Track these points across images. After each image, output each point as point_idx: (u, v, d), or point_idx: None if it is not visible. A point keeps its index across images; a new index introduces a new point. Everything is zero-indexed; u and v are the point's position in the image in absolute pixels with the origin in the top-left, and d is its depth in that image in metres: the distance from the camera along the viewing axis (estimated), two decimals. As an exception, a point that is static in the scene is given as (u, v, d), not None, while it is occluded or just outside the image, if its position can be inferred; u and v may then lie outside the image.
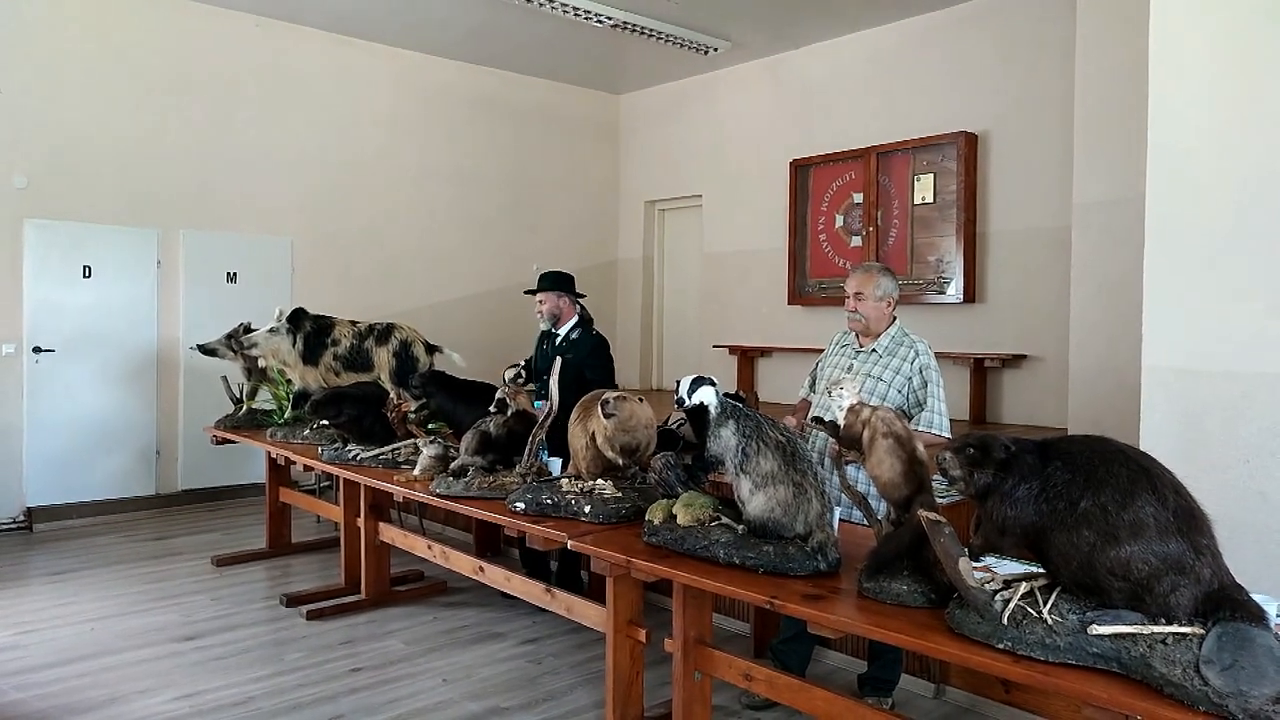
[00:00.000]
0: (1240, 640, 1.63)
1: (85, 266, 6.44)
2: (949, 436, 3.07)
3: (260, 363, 5.36)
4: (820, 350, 3.60)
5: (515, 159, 8.77)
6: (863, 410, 2.39)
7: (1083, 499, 1.80)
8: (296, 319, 5.05)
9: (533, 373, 4.57)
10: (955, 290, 6.68)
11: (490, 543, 5.29)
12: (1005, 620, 1.85)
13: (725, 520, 2.55)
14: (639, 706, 3.06)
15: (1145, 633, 1.72)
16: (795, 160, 7.73)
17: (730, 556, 2.44)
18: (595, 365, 4.46)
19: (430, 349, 5.18)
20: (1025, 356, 6.37)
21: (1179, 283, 3.20)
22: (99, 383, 6.52)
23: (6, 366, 6.20)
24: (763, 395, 7.54)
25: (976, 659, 1.86)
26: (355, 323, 5.20)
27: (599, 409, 3.00)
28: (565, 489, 3.11)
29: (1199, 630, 1.69)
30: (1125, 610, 1.76)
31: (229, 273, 7.07)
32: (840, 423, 2.43)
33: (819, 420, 2.61)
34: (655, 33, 7.17)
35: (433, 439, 3.97)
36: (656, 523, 2.66)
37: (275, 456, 5.01)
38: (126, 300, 6.62)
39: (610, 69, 8.64)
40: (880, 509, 2.47)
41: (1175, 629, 1.70)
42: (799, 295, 7.76)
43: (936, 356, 3.26)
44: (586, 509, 2.99)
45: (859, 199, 7.32)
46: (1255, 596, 1.74)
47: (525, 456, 3.47)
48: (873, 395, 3.12)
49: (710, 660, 2.82)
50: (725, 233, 8.53)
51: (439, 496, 3.46)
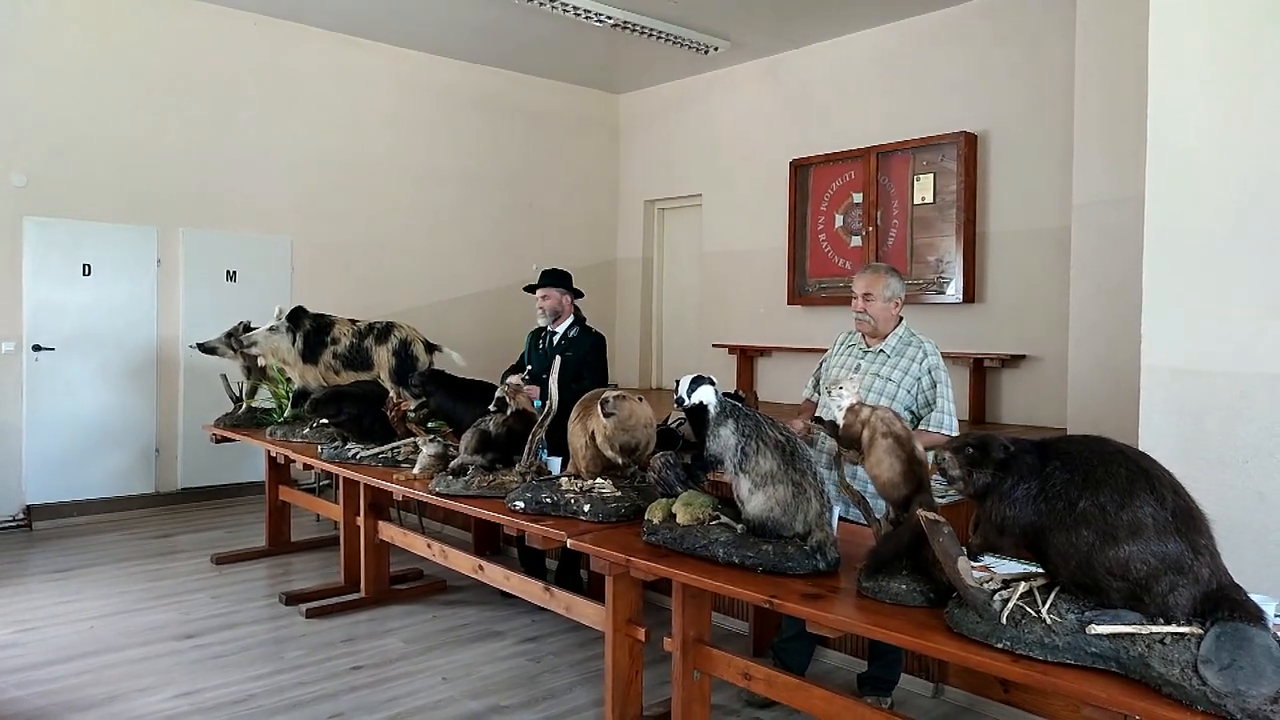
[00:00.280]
0: (1238, 640, 1.63)
1: (85, 264, 6.44)
2: (956, 435, 3.08)
3: (260, 361, 5.35)
4: (820, 350, 3.60)
5: (515, 158, 8.77)
6: (862, 410, 2.40)
7: (1081, 499, 1.80)
8: (296, 318, 5.05)
9: (528, 373, 4.58)
10: (955, 290, 6.68)
11: (489, 541, 5.29)
12: (1004, 620, 1.86)
13: (724, 519, 2.55)
14: (638, 705, 3.07)
15: (1144, 632, 1.72)
16: (795, 160, 7.73)
17: (729, 556, 2.44)
18: (594, 363, 4.49)
19: (430, 348, 5.18)
20: (1024, 356, 6.38)
21: (1178, 283, 3.20)
22: (99, 381, 6.52)
23: (6, 365, 6.20)
24: (762, 395, 7.55)
25: (975, 658, 1.87)
26: (355, 321, 5.20)
27: (598, 408, 3.00)
28: (565, 488, 3.11)
29: (1197, 630, 1.69)
30: (1124, 610, 1.77)
31: (229, 271, 7.07)
32: (840, 422, 2.44)
33: (819, 420, 2.61)
34: (655, 32, 7.17)
35: (432, 438, 3.97)
36: (656, 522, 2.66)
37: (275, 455, 5.01)
38: (126, 298, 6.62)
39: (610, 68, 8.64)
40: (879, 508, 2.48)
41: (1174, 629, 1.71)
42: (798, 295, 7.76)
43: (937, 356, 3.26)
44: (586, 508, 2.99)
45: (859, 199, 7.33)
46: (1253, 596, 1.74)
47: (525, 455, 3.47)
48: (881, 396, 3.12)
49: (709, 659, 2.83)
50: (725, 232, 8.53)
51: (438, 495, 3.46)
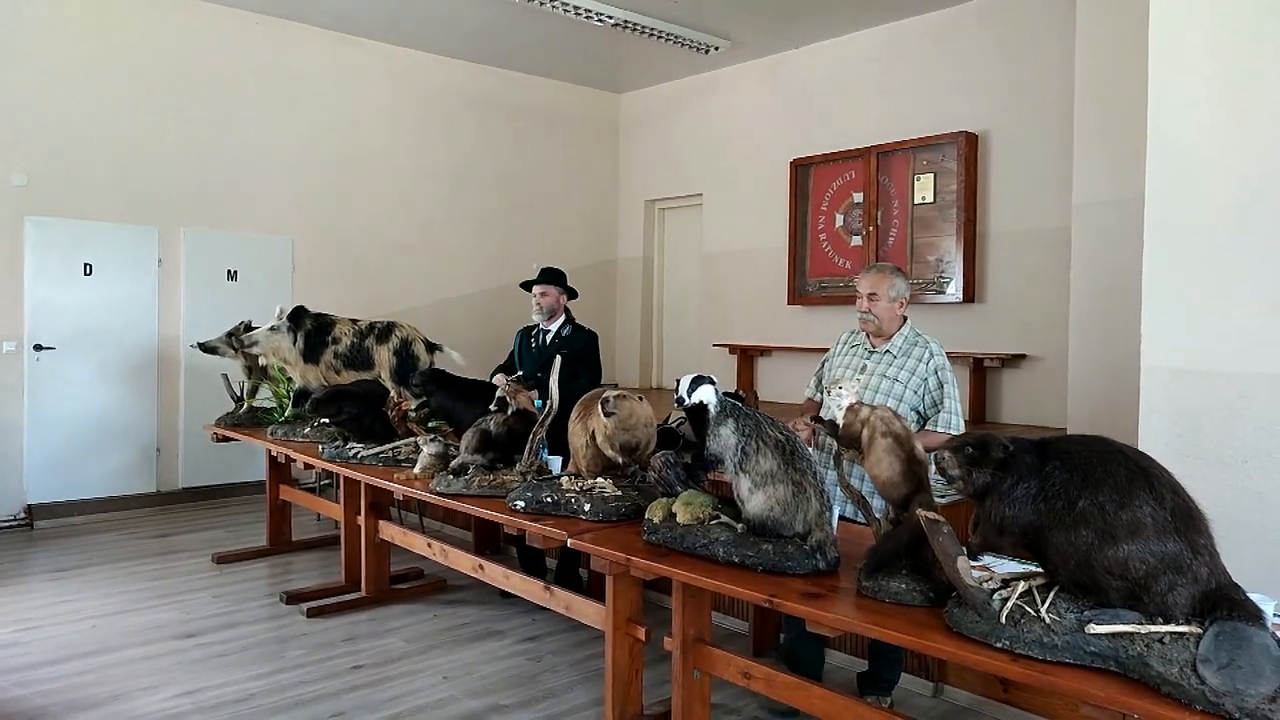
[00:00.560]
0: (1237, 639, 1.63)
1: (86, 264, 6.45)
2: None
3: (261, 361, 5.36)
4: (821, 350, 3.60)
5: (516, 158, 8.77)
6: (861, 409, 2.40)
7: (1081, 498, 1.80)
8: (297, 317, 5.05)
9: (519, 373, 4.59)
10: (955, 290, 6.68)
11: (490, 541, 5.30)
12: (1003, 619, 1.86)
13: (724, 519, 2.55)
14: (638, 704, 3.07)
15: (1143, 632, 1.72)
16: (795, 160, 7.73)
17: (729, 555, 2.44)
18: (590, 361, 4.53)
19: (431, 347, 5.19)
20: (1024, 356, 6.38)
21: (1178, 282, 3.21)
22: (99, 380, 6.52)
23: (7, 364, 6.21)
24: (762, 394, 7.56)
25: (974, 658, 1.87)
26: (356, 321, 5.20)
27: (599, 407, 3.01)
28: (565, 487, 3.11)
29: (1196, 629, 1.69)
30: (1123, 609, 1.77)
31: (229, 271, 7.07)
32: (840, 422, 2.44)
33: (818, 419, 2.61)
34: (656, 32, 7.17)
35: (433, 437, 3.97)
36: (656, 521, 2.66)
37: (276, 454, 5.02)
38: (127, 298, 6.63)
39: (611, 68, 8.65)
40: (879, 508, 2.48)
41: (1173, 628, 1.71)
42: (799, 295, 7.76)
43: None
44: (586, 507, 2.99)
45: (859, 198, 7.33)
46: (1252, 596, 1.74)
47: (525, 455, 3.48)
48: (888, 397, 3.11)
49: (709, 658, 2.83)
50: (725, 232, 8.53)
51: (439, 495, 3.46)
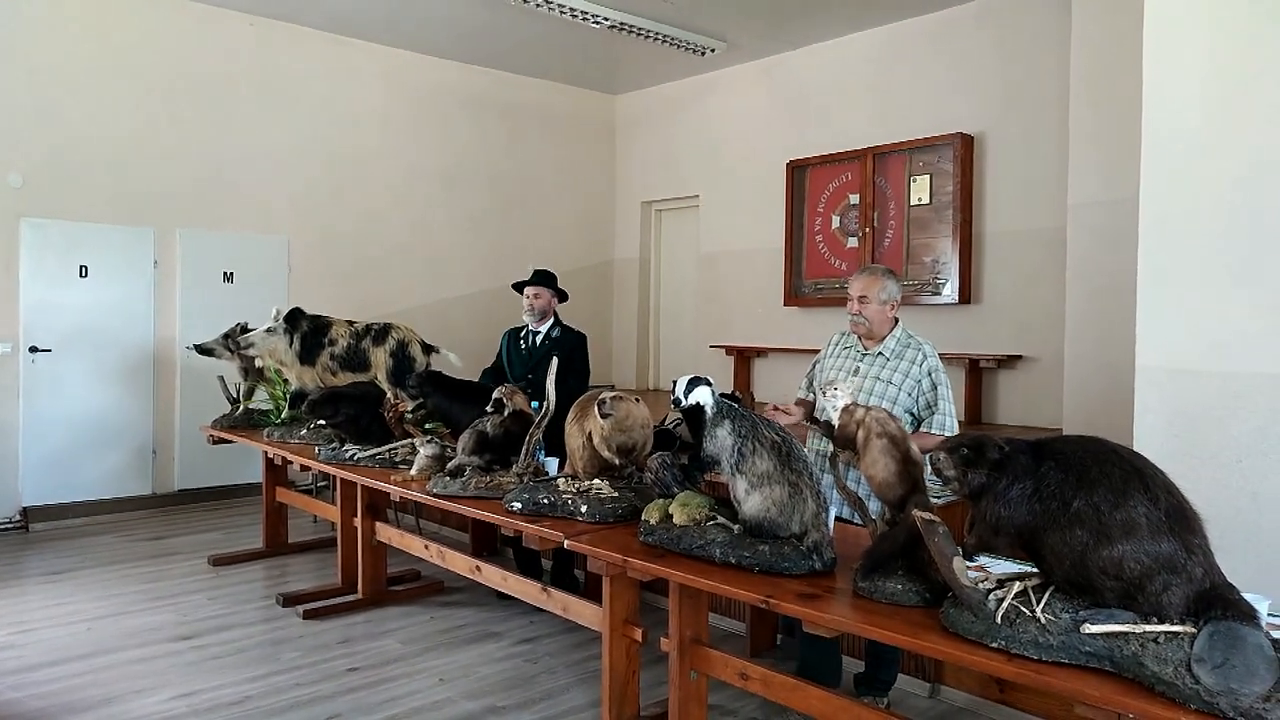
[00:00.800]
0: (1231, 639, 1.64)
1: (81, 266, 6.44)
2: None
3: (257, 362, 5.36)
4: (817, 351, 3.60)
5: (512, 159, 8.77)
6: (856, 410, 2.41)
7: (1075, 499, 1.80)
8: (293, 319, 5.05)
9: (509, 375, 4.60)
10: (951, 291, 6.69)
11: (487, 543, 5.29)
12: (999, 619, 1.87)
13: (721, 520, 2.56)
14: (635, 705, 3.07)
15: (1137, 631, 1.73)
16: (792, 161, 7.74)
17: (726, 556, 2.44)
18: (580, 362, 4.56)
19: (427, 349, 5.19)
20: (1020, 357, 6.39)
21: (1173, 283, 3.21)
22: (95, 382, 6.51)
23: (2, 366, 6.19)
24: (759, 395, 7.57)
25: (970, 658, 1.87)
26: (352, 322, 5.20)
27: (596, 409, 3.01)
28: (562, 489, 3.11)
29: (1191, 629, 1.70)
30: (1118, 609, 1.77)
31: (225, 272, 7.07)
32: (835, 423, 2.45)
33: (814, 420, 2.62)
34: (651, 34, 7.18)
35: (429, 439, 3.97)
36: (653, 522, 2.67)
37: (272, 456, 5.02)
38: (123, 299, 6.62)
39: (607, 70, 8.65)
40: (875, 509, 2.49)
41: (1167, 628, 1.71)
42: (795, 296, 7.77)
43: (933, 357, 3.27)
44: (583, 508, 2.99)
45: (855, 200, 7.34)
46: (1246, 595, 1.75)
47: (522, 456, 3.48)
48: (882, 399, 3.11)
49: (706, 659, 2.83)
50: (722, 233, 8.53)
51: (436, 496, 3.46)
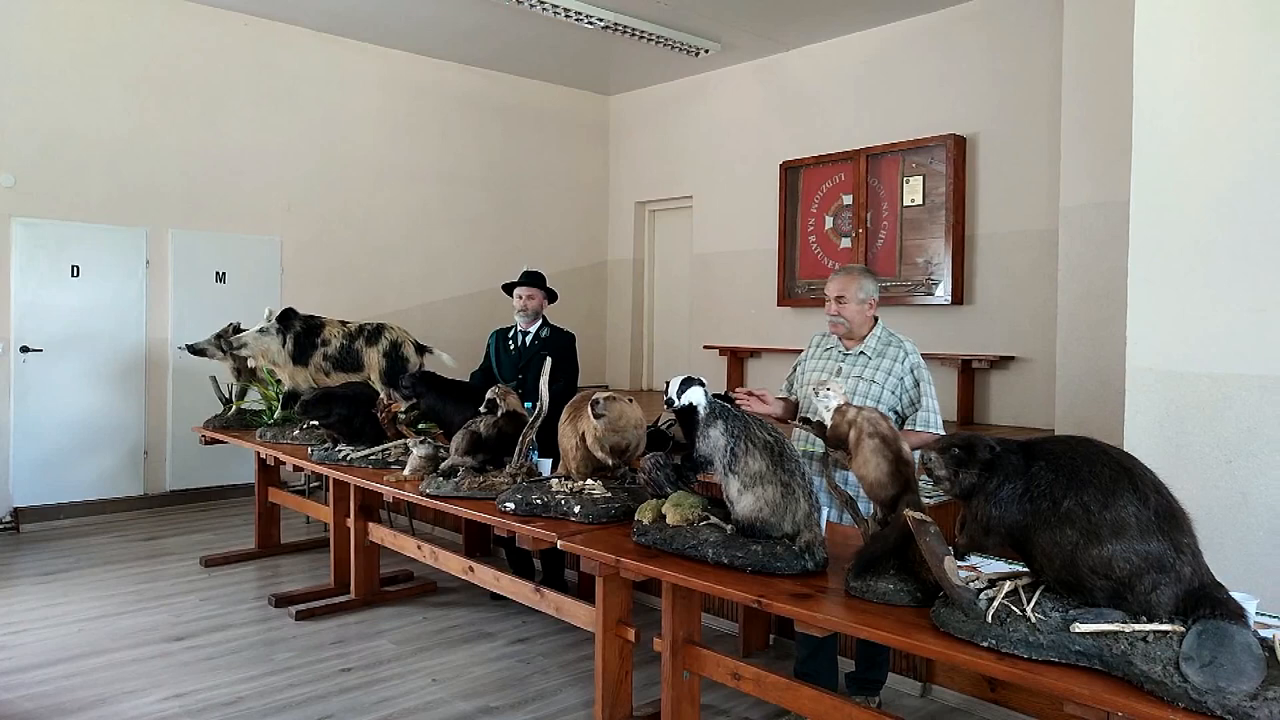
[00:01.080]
0: (1220, 638, 1.65)
1: (73, 266, 6.42)
2: (943, 434, 3.10)
3: (250, 363, 5.35)
4: (809, 351, 3.61)
5: (506, 160, 8.77)
6: (849, 410, 2.41)
7: (1065, 498, 1.81)
8: (286, 319, 5.04)
9: (498, 376, 4.61)
10: (944, 292, 6.71)
11: (480, 543, 5.29)
12: (989, 618, 1.87)
13: (714, 520, 2.56)
14: (628, 706, 3.08)
15: (1127, 630, 1.74)
16: (785, 162, 7.76)
17: (719, 556, 2.45)
18: (570, 362, 4.58)
19: (420, 349, 5.19)
20: (1013, 358, 6.41)
21: (1163, 285, 3.23)
22: (87, 383, 6.49)
23: (-6, 366, 6.18)
24: (752, 396, 7.56)
25: (961, 657, 1.88)
26: (345, 323, 5.20)
27: (589, 409, 3.01)
28: (555, 489, 3.12)
29: (1179, 628, 1.71)
30: (1107, 608, 1.78)
31: (218, 272, 7.05)
32: (827, 423, 2.45)
33: (806, 420, 2.62)
34: (646, 34, 7.18)
35: (423, 439, 3.97)
36: (646, 522, 2.67)
37: (265, 457, 5.00)
38: (115, 300, 6.60)
39: (601, 70, 8.66)
40: (867, 509, 2.49)
41: (1156, 627, 1.72)
42: (789, 296, 7.78)
43: (925, 358, 3.28)
44: (576, 509, 3.00)
45: (849, 201, 7.35)
46: (1235, 594, 1.76)
47: (515, 457, 3.48)
48: (866, 398, 3.12)
49: (699, 659, 2.84)
50: (715, 234, 8.54)
51: (429, 497, 3.46)
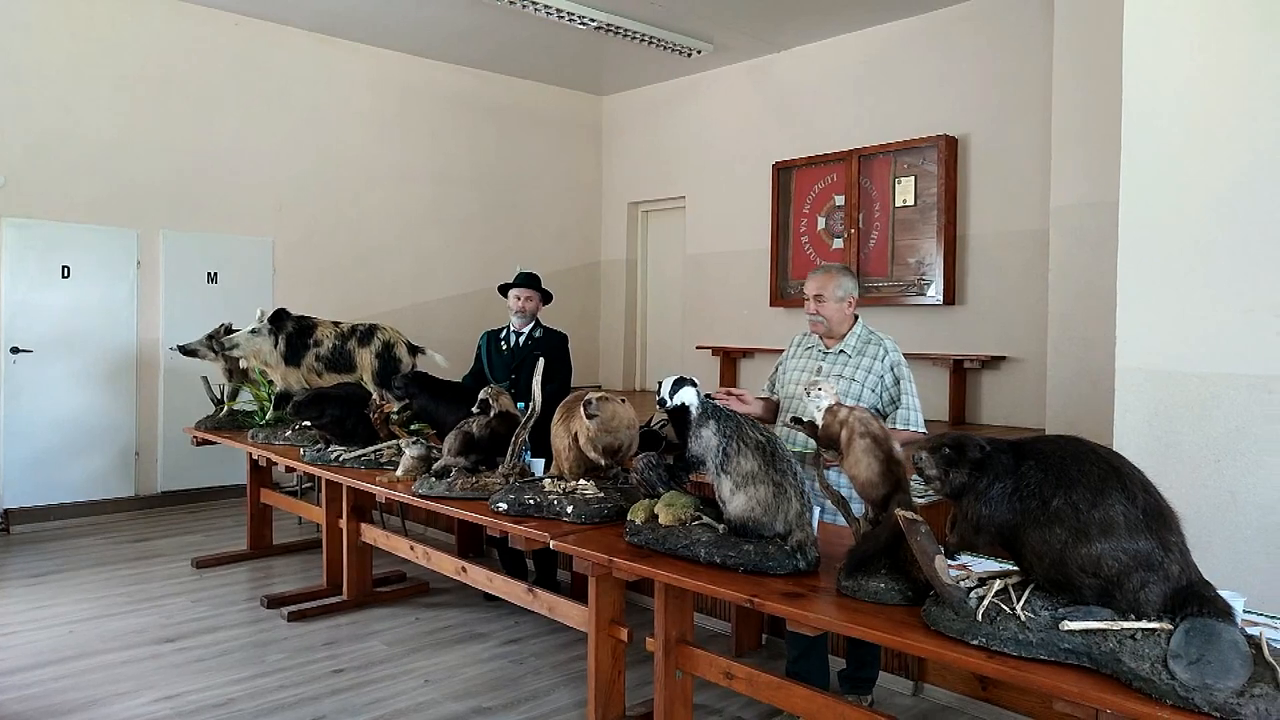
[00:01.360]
0: (1207, 635, 1.66)
1: (64, 266, 6.39)
2: (924, 432, 3.11)
3: (242, 363, 5.33)
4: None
5: (499, 160, 8.77)
6: (840, 410, 2.42)
7: (1055, 497, 1.82)
8: (278, 319, 5.03)
9: (490, 378, 4.61)
10: (935, 292, 6.73)
11: (472, 544, 5.29)
12: (979, 617, 1.88)
13: (706, 520, 2.57)
14: (620, 706, 3.08)
15: (1115, 628, 1.75)
16: (778, 163, 7.77)
17: (711, 556, 2.46)
18: (563, 362, 4.59)
19: (413, 350, 5.18)
20: (1004, 358, 6.43)
21: (1152, 285, 3.25)
22: (77, 383, 6.47)
23: (-17, 367, 6.15)
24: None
25: (951, 655, 1.89)
26: (338, 323, 5.19)
27: (581, 410, 3.02)
28: (548, 489, 3.12)
29: (1167, 626, 1.72)
30: (1096, 607, 1.80)
31: (209, 273, 7.03)
32: (819, 423, 2.46)
33: (798, 420, 2.63)
34: (638, 35, 7.19)
35: (415, 440, 3.97)
36: (638, 522, 2.68)
37: (256, 457, 4.99)
38: (105, 301, 6.58)
39: (593, 70, 8.66)
40: (858, 508, 2.50)
41: (1144, 625, 1.74)
42: (781, 297, 7.80)
43: (917, 358, 3.29)
44: (569, 509, 3.00)
45: (841, 201, 7.37)
46: (1222, 593, 1.77)
47: (508, 457, 3.48)
48: (846, 396, 3.13)
49: (691, 659, 2.85)
50: (708, 234, 8.56)
51: (421, 497, 3.45)
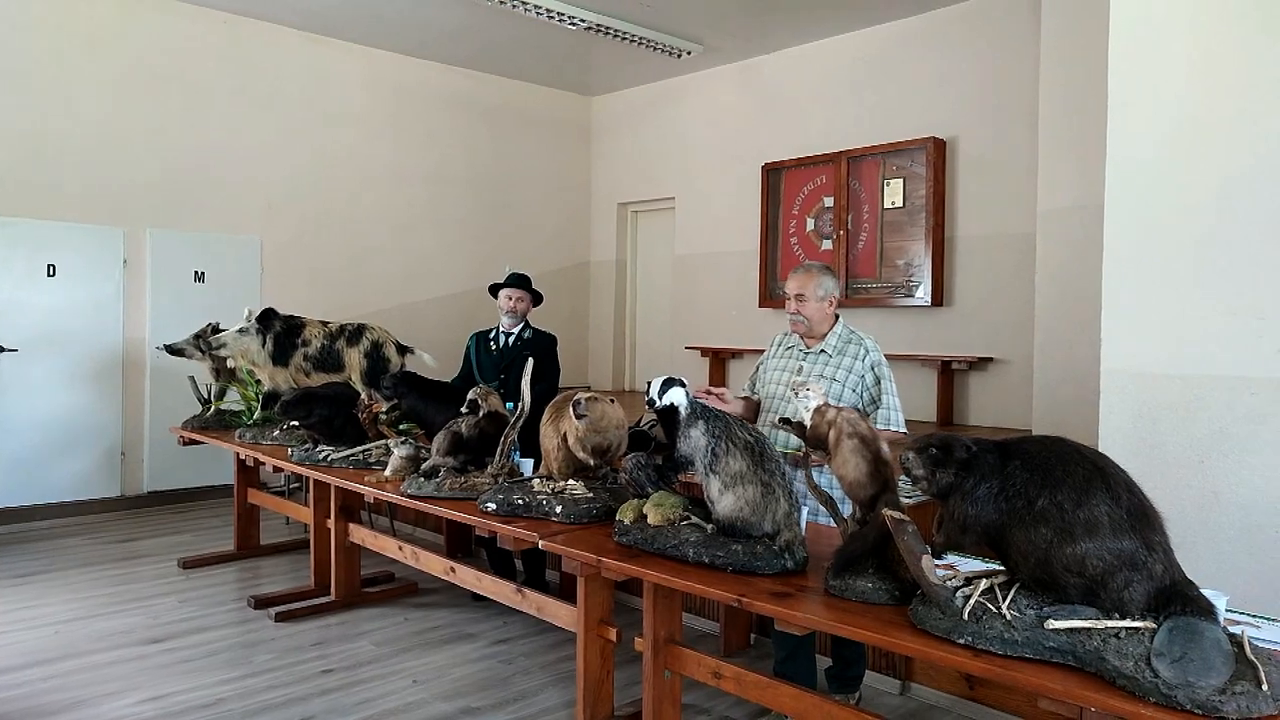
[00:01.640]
0: (1190, 634, 1.68)
1: (49, 265, 6.35)
2: (905, 432, 3.13)
3: (229, 363, 5.31)
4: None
5: (488, 160, 8.76)
6: (828, 411, 2.44)
7: (1040, 497, 1.84)
8: (266, 319, 5.02)
9: (479, 379, 4.61)
10: (923, 293, 6.76)
11: (461, 544, 5.29)
12: (965, 616, 1.90)
13: (695, 520, 2.58)
14: (609, 705, 3.08)
15: (1100, 627, 1.77)
16: (767, 164, 7.79)
17: (700, 555, 2.46)
18: (551, 363, 4.60)
19: (401, 350, 5.18)
20: (991, 359, 6.47)
21: (1136, 287, 3.28)
22: (63, 383, 6.42)
23: (-32, 366, 6.10)
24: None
25: (937, 654, 1.90)
26: (326, 323, 5.17)
27: (571, 410, 3.02)
28: (536, 489, 3.12)
29: (1151, 624, 1.74)
30: (1081, 605, 1.81)
31: (197, 272, 7.00)
32: (807, 423, 2.47)
33: (786, 421, 2.64)
34: (628, 35, 7.20)
35: (404, 440, 3.97)
36: (627, 522, 2.68)
37: (244, 457, 4.97)
38: (91, 300, 6.53)
39: (583, 71, 8.66)
40: (846, 508, 2.52)
41: (1128, 623, 1.75)
42: (770, 298, 7.81)
43: (905, 359, 3.30)
44: (557, 509, 3.00)
45: (830, 203, 7.40)
46: (1205, 592, 1.79)
47: (497, 457, 3.48)
48: (826, 396, 3.14)
49: (680, 659, 2.85)
50: (697, 235, 8.57)
51: (410, 497, 3.45)
